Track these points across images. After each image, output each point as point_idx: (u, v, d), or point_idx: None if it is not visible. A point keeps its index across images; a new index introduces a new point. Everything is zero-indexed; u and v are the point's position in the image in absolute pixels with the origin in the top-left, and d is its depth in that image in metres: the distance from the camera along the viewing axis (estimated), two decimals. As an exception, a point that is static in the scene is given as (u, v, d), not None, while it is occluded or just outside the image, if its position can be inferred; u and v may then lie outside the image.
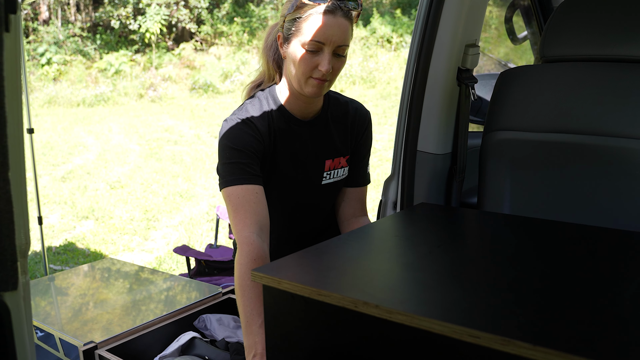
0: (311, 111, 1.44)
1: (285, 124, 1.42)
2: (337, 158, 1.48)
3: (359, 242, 1.08)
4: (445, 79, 1.36)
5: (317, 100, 1.43)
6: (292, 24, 1.31)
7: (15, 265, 0.58)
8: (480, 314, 0.76)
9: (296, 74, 1.33)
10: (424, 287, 0.87)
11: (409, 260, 0.98)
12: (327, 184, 1.48)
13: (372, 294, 0.83)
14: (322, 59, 1.28)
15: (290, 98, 1.41)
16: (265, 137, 1.38)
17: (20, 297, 0.62)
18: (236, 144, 1.35)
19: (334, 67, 1.30)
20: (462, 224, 1.23)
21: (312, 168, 1.46)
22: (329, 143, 1.47)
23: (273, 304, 0.92)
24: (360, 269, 0.95)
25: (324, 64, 1.28)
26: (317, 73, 1.30)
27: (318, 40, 1.27)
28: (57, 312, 1.80)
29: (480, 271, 0.93)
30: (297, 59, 1.31)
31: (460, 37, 1.34)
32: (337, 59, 1.31)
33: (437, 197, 1.45)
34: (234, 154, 1.35)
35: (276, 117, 1.41)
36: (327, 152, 1.47)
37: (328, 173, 1.47)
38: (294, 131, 1.43)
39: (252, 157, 1.35)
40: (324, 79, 1.31)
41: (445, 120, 1.40)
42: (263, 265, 1.10)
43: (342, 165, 1.49)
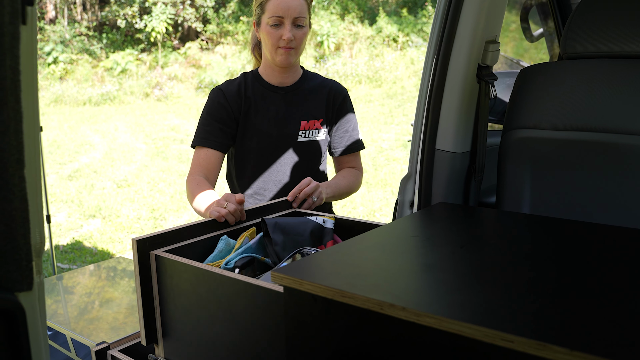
0: (287, 81, 1.73)
1: (261, 89, 1.72)
2: (311, 120, 1.73)
3: (378, 242, 1.06)
4: (465, 76, 1.33)
5: (292, 71, 1.72)
6: (260, 8, 1.62)
7: (30, 265, 0.56)
8: (512, 316, 0.73)
9: (267, 47, 1.63)
10: (450, 289, 0.84)
11: (431, 261, 0.95)
12: (303, 142, 1.72)
13: (397, 295, 0.81)
14: (284, 30, 1.58)
15: (268, 70, 1.72)
16: (234, 100, 1.69)
17: (35, 297, 0.61)
18: (206, 111, 1.71)
19: (295, 36, 1.60)
20: (484, 224, 1.21)
21: (288, 126, 1.71)
22: (304, 107, 1.73)
23: (293, 306, 0.89)
24: (382, 269, 0.93)
25: (285, 33, 1.58)
26: (282, 42, 1.59)
27: (278, 15, 1.57)
28: (66, 311, 1.78)
29: (506, 272, 0.90)
30: (266, 35, 1.61)
31: (481, 33, 1.31)
32: (298, 29, 1.60)
33: (455, 196, 1.42)
34: (202, 120, 1.71)
35: (252, 85, 1.73)
36: (302, 115, 1.72)
37: (303, 132, 1.72)
38: (269, 96, 1.72)
39: (218, 122, 1.68)
40: (288, 46, 1.60)
41: (465, 118, 1.37)
42: (284, 272, 1.07)
43: (317, 127, 1.73)
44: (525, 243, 1.07)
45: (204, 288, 1.09)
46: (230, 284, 1.04)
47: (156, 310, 1.20)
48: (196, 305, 1.12)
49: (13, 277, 0.55)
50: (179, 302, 1.16)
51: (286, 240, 1.29)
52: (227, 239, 1.28)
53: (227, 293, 1.05)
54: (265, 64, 1.72)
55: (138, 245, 1.15)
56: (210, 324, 1.11)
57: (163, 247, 1.20)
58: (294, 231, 1.32)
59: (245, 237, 1.29)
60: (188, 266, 1.11)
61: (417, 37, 13.69)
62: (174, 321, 1.18)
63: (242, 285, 1.03)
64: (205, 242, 1.27)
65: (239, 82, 1.74)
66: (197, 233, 1.28)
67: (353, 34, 13.14)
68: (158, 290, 1.19)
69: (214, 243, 1.29)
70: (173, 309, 1.17)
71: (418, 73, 12.44)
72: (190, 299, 1.13)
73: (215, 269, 1.08)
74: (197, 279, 1.10)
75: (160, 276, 1.17)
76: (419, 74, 12.43)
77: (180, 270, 1.13)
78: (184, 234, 1.25)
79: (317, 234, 1.33)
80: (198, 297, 1.11)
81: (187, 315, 1.15)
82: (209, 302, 1.09)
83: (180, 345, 1.19)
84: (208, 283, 1.08)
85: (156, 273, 1.18)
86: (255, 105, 1.71)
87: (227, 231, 1.33)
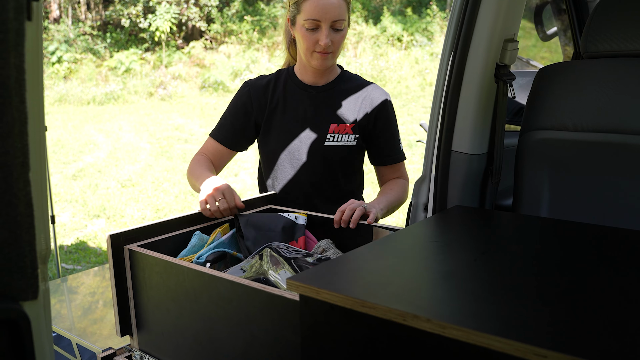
0: (321, 81, 1.63)
1: (292, 87, 1.63)
2: (342, 124, 1.61)
3: (396, 248, 1.02)
4: (483, 75, 1.29)
5: (328, 72, 1.62)
6: (295, 7, 1.50)
7: (35, 273, 0.54)
8: (543, 329, 0.69)
9: (302, 49, 1.53)
10: (475, 298, 0.80)
11: (453, 269, 0.91)
12: (331, 146, 1.60)
13: (420, 305, 0.77)
14: (321, 34, 1.47)
15: (302, 69, 1.63)
16: (259, 97, 1.63)
17: (41, 306, 0.58)
18: (230, 104, 1.67)
19: (333, 41, 1.49)
20: (503, 229, 1.17)
21: (316, 127, 1.61)
22: (335, 109, 1.61)
23: (310, 316, 0.85)
24: (403, 277, 0.89)
25: (322, 39, 1.46)
26: (318, 47, 1.49)
27: (314, 18, 1.45)
28: (70, 315, 1.75)
29: (532, 280, 0.86)
30: (301, 37, 1.50)
31: (500, 32, 1.27)
32: (336, 32, 1.49)
33: (471, 199, 1.38)
34: (226, 112, 1.68)
35: (284, 82, 1.64)
36: (332, 117, 1.61)
37: (332, 135, 1.60)
38: (298, 94, 1.62)
39: (233, 117, 1.65)
40: (325, 51, 1.49)
41: (482, 118, 1.33)
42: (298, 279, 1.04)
43: (348, 131, 1.61)
44: (548, 249, 1.03)
45: (173, 281, 1.13)
46: (196, 276, 1.08)
47: (130, 303, 1.23)
48: (166, 297, 1.15)
49: (18, 285, 0.53)
50: (151, 295, 1.19)
51: (258, 236, 1.31)
52: (200, 234, 1.31)
53: (194, 285, 1.08)
54: (300, 62, 1.63)
55: (112, 239, 1.19)
56: (179, 316, 1.14)
57: (137, 242, 1.23)
58: (266, 227, 1.34)
59: (218, 233, 1.32)
60: (158, 260, 1.14)
61: (421, 36, 13.64)
62: (147, 313, 1.21)
63: (206, 277, 1.06)
64: (179, 238, 1.32)
65: (270, 78, 1.67)
66: (171, 228, 1.32)
67: (357, 34, 13.10)
68: (132, 283, 1.22)
69: (187, 238, 1.33)
70: (146, 302, 1.20)
71: (423, 73, 12.39)
72: (161, 292, 1.16)
73: (183, 262, 1.10)
74: (167, 272, 1.13)
75: (133, 270, 1.21)
76: (423, 74, 12.38)
77: (152, 264, 1.16)
78: (159, 230, 1.29)
79: (289, 229, 1.35)
80: (167, 289, 1.14)
81: (158, 308, 1.18)
82: (178, 294, 1.12)
83: (153, 336, 1.21)
84: (176, 276, 1.11)
85: (130, 267, 1.21)
86: (284, 104, 1.63)
87: (201, 227, 1.37)
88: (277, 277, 1.21)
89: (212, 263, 1.25)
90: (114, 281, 1.21)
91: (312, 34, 1.48)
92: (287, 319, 0.98)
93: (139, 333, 1.26)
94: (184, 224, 1.36)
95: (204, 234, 1.34)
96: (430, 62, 12.86)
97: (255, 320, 1.03)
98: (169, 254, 1.25)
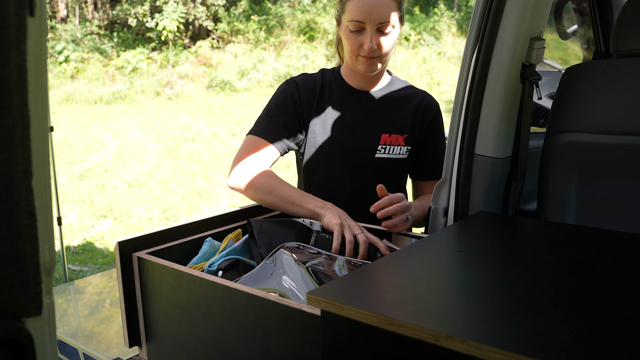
0: (370, 86, 1.51)
1: (339, 90, 1.50)
2: (394, 134, 1.48)
3: (422, 259, 0.96)
4: (508, 75, 1.23)
5: (377, 77, 1.50)
6: (340, 6, 1.39)
7: (39, 288, 0.50)
8: (593, 352, 0.63)
9: (347, 51, 1.42)
10: (512, 316, 0.74)
11: (485, 282, 0.86)
12: (382, 158, 1.48)
13: (453, 324, 0.71)
14: (365, 37, 1.35)
15: (349, 73, 1.51)
16: (307, 99, 1.48)
17: (45, 322, 0.54)
18: (274, 102, 1.49)
19: (380, 44, 1.36)
20: (532, 237, 1.11)
21: (365, 137, 1.48)
22: (386, 118, 1.49)
23: (332, 334, 0.80)
24: (432, 292, 0.83)
25: (366, 43, 1.34)
26: (363, 51, 1.37)
27: (358, 20, 1.33)
28: (78, 321, 1.71)
29: (573, 295, 0.81)
30: (345, 39, 1.39)
31: (526, 29, 1.20)
32: (382, 35, 1.36)
33: (494, 204, 1.32)
34: (268, 110, 1.49)
35: (329, 85, 1.51)
36: (384, 126, 1.48)
37: (383, 147, 1.48)
38: (347, 100, 1.50)
39: (285, 116, 1.46)
40: (370, 56, 1.37)
41: (507, 120, 1.27)
42: (320, 290, 0.98)
43: (400, 143, 1.49)
44: (583, 259, 0.97)
45: (183, 291, 1.08)
46: (208, 286, 1.03)
47: (139, 312, 1.19)
48: (177, 307, 1.10)
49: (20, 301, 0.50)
50: (161, 305, 1.14)
51: (272, 242, 1.26)
52: (212, 241, 1.26)
53: (206, 296, 1.04)
54: (347, 65, 1.50)
55: (120, 247, 1.14)
56: (190, 327, 1.09)
57: (147, 249, 1.18)
58: (280, 233, 1.29)
59: (230, 239, 1.27)
60: (168, 268, 1.09)
61: (429, 35, 13.55)
62: (156, 324, 1.17)
63: (219, 288, 1.00)
64: (189, 244, 1.26)
65: (316, 78, 1.52)
66: (181, 235, 1.27)
67: (365, 33, 13.01)
68: (141, 292, 1.17)
69: (198, 245, 1.27)
70: (155, 312, 1.16)
71: (430, 72, 12.31)
72: (171, 302, 1.11)
73: (195, 272, 1.05)
74: (178, 281, 1.08)
75: (142, 278, 1.16)
76: (431, 73, 12.30)
77: (161, 273, 1.11)
78: (168, 236, 1.24)
79: (304, 236, 1.29)
80: (178, 299, 1.09)
81: (168, 318, 1.13)
82: (189, 304, 1.08)
83: (163, 348, 1.16)
84: (188, 286, 1.07)
85: (138, 275, 1.16)
86: (331, 109, 1.48)
87: (212, 233, 1.32)
88: (292, 284, 1.16)
89: (224, 271, 1.21)
90: (122, 290, 1.17)
91: (356, 36, 1.36)
92: (307, 333, 0.92)
93: (148, 344, 1.21)
94: (195, 230, 1.31)
95: (215, 240, 1.29)
96: (437, 62, 12.78)
97: (272, 334, 0.97)
98: (180, 262, 1.21)
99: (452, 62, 12.82)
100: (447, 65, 12.77)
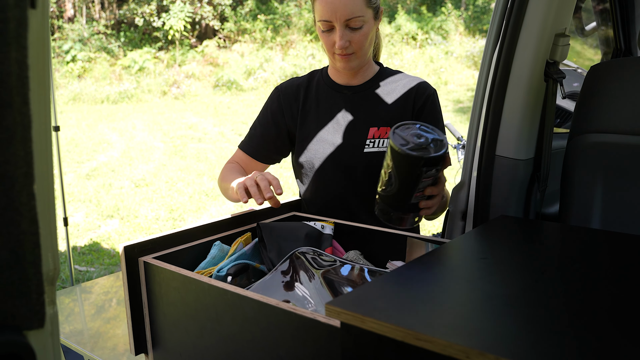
0: (355, 80, 1.48)
1: (326, 89, 1.49)
2: (383, 127, 1.43)
3: (445, 267, 0.91)
4: (532, 73, 1.17)
5: (362, 70, 1.47)
6: (312, 6, 1.38)
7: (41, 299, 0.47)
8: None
9: (325, 51, 1.40)
10: (547, 331, 0.69)
11: (514, 292, 0.81)
12: (371, 153, 1.44)
13: (485, 339, 0.66)
14: (335, 35, 1.32)
15: (332, 69, 1.50)
16: (289, 104, 1.49)
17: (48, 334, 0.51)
18: (261, 113, 1.55)
19: (352, 41, 1.33)
20: (558, 243, 1.05)
21: (353, 133, 1.45)
22: (373, 111, 1.46)
23: (353, 348, 0.75)
24: (459, 303, 0.78)
25: (337, 41, 1.32)
26: (337, 50, 1.35)
27: (325, 19, 1.31)
28: (85, 326, 1.67)
29: (612, 308, 0.75)
30: (320, 37, 1.38)
31: (551, 25, 1.15)
32: (353, 32, 1.32)
33: (516, 208, 1.27)
34: (256, 122, 1.56)
35: (317, 85, 1.50)
36: (371, 120, 1.45)
37: (372, 141, 1.44)
38: (333, 97, 1.48)
39: (263, 127, 1.52)
40: (345, 53, 1.35)
41: (530, 120, 1.22)
42: (338, 302, 0.93)
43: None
44: (617, 268, 0.92)
45: (191, 297, 1.03)
46: (218, 293, 0.98)
47: (145, 319, 1.15)
48: (184, 315, 1.06)
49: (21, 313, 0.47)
50: (168, 312, 1.10)
51: (282, 246, 1.21)
52: (221, 245, 1.21)
53: (215, 303, 0.99)
54: (330, 63, 1.50)
55: (126, 251, 1.10)
56: (199, 336, 1.04)
57: (153, 253, 1.14)
58: (291, 237, 1.24)
59: (239, 243, 1.23)
60: (176, 274, 1.04)
61: (436, 34, 13.48)
62: (163, 331, 1.13)
63: (229, 295, 0.95)
64: (197, 248, 1.22)
65: (300, 82, 1.52)
66: (189, 238, 1.23)
67: (372, 32, 12.95)
68: (147, 298, 1.13)
69: (206, 249, 1.23)
70: (162, 319, 1.12)
71: (437, 71, 12.24)
72: (179, 309, 1.07)
73: (203, 278, 1.01)
74: (185, 287, 1.04)
75: (149, 284, 1.12)
76: (438, 72, 12.23)
77: (169, 278, 1.06)
78: (176, 240, 1.20)
79: (315, 239, 1.25)
80: (186, 306, 1.05)
81: (175, 326, 1.09)
82: (197, 312, 1.03)
83: (170, 356, 1.12)
84: (196, 292, 1.02)
85: (145, 281, 1.12)
86: (317, 109, 1.48)
87: (221, 236, 1.27)
88: (305, 291, 1.11)
89: (233, 276, 1.16)
90: (128, 295, 1.12)
91: (327, 35, 1.34)
92: (321, 345, 0.87)
93: (154, 352, 1.16)
94: (203, 234, 1.27)
95: (224, 244, 1.24)
96: (445, 61, 12.70)
97: (284, 345, 0.93)
98: (187, 266, 1.17)
99: (460, 61, 12.74)
100: (455, 64, 12.70)
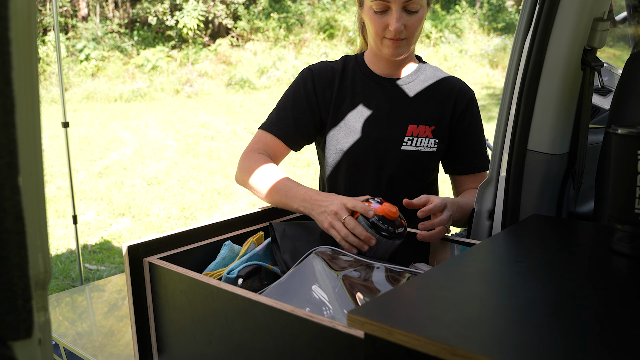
0: (397, 72, 1.42)
1: (363, 78, 1.41)
2: (422, 125, 1.38)
3: (477, 271, 0.83)
4: (568, 61, 1.08)
5: (404, 62, 1.41)
6: None
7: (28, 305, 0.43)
8: None
9: (371, 35, 1.32)
10: (598, 345, 0.60)
11: (557, 300, 0.72)
12: (408, 151, 1.38)
13: (528, 355, 0.58)
14: (391, 18, 1.25)
15: (373, 59, 1.41)
16: (324, 88, 1.40)
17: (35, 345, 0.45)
18: (287, 94, 1.43)
19: (407, 25, 1.27)
20: (597, 245, 0.96)
21: (391, 128, 1.39)
22: (413, 107, 1.40)
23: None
24: (496, 313, 0.70)
25: (392, 23, 1.25)
26: (389, 33, 1.28)
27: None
28: (95, 330, 1.61)
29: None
30: (369, 21, 1.30)
31: (589, 9, 1.06)
32: (409, 15, 1.27)
33: (549, 206, 1.18)
34: (280, 103, 1.43)
35: (352, 72, 1.42)
36: (410, 117, 1.39)
37: (410, 139, 1.38)
38: (371, 87, 1.41)
39: (295, 110, 1.39)
40: (397, 38, 1.28)
41: (565, 112, 1.13)
42: (363, 309, 0.86)
43: (427, 135, 1.38)
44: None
45: (199, 301, 0.96)
46: (228, 298, 0.90)
47: (150, 323, 1.07)
48: (191, 320, 0.99)
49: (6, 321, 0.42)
50: (174, 317, 1.02)
51: (296, 248, 1.14)
52: (231, 245, 1.14)
53: (225, 309, 0.92)
54: (371, 50, 1.41)
55: (130, 251, 1.04)
56: (207, 342, 0.97)
57: (159, 253, 1.07)
58: (305, 237, 1.17)
59: (251, 243, 1.16)
60: (182, 276, 0.97)
61: (450, 33, 13.33)
62: (169, 337, 1.05)
63: (240, 300, 0.88)
64: (206, 248, 1.15)
65: (335, 66, 1.42)
66: (197, 238, 1.16)
67: (385, 30, 12.85)
68: (152, 302, 1.06)
69: (216, 249, 1.16)
70: (168, 324, 1.04)
71: (452, 69, 12.09)
72: (186, 313, 0.99)
73: (212, 281, 0.94)
74: (193, 291, 0.96)
75: (154, 286, 1.05)
76: (452, 71, 12.08)
77: (175, 281, 0.99)
78: (183, 239, 1.13)
79: (330, 238, 1.16)
80: (193, 311, 0.98)
81: (182, 331, 1.02)
82: (206, 317, 0.96)
83: None
84: (204, 296, 0.95)
85: (150, 283, 1.05)
86: (353, 98, 1.39)
87: (231, 236, 1.20)
88: (323, 295, 1.03)
89: (244, 279, 1.09)
90: (132, 298, 1.05)
91: (380, 17, 1.26)
92: (340, 355, 0.80)
93: (160, 358, 1.09)
94: (213, 233, 1.20)
95: (235, 244, 1.17)
96: (459, 59, 12.55)
97: (299, 354, 0.85)
98: (196, 268, 1.10)
99: (474, 59, 12.58)
100: (469, 63, 12.54)
